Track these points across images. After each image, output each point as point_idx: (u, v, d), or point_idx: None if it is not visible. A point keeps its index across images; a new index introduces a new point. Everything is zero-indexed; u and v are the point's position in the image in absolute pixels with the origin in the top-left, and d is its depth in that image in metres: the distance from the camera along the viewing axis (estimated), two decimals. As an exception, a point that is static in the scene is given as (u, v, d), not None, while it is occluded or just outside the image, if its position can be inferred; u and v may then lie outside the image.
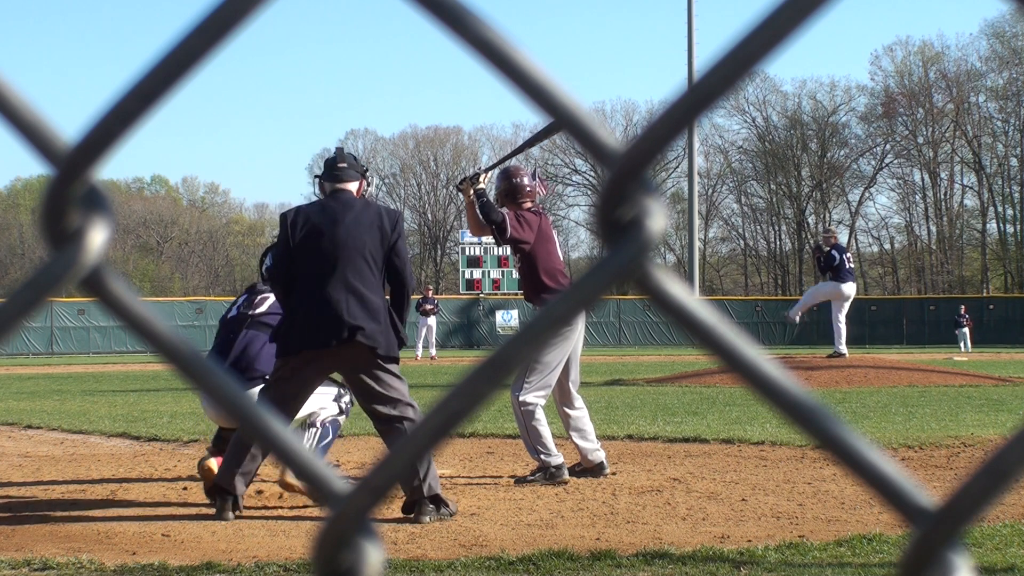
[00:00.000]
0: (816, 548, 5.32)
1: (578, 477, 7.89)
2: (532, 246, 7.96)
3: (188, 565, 5.11)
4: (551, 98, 0.56)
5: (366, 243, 6.46)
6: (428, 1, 0.57)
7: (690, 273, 36.29)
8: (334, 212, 6.53)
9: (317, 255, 6.42)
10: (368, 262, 6.44)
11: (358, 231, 6.47)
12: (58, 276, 0.59)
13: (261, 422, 0.60)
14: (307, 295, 6.39)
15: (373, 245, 6.47)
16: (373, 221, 6.54)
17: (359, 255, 6.43)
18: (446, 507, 6.31)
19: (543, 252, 8.02)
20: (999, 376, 20.66)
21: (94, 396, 18.29)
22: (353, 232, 6.46)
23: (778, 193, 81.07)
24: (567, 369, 7.89)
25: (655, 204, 0.55)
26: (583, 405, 8.07)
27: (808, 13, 0.54)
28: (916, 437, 10.06)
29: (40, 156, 0.60)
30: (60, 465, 9.00)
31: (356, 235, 6.46)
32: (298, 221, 6.55)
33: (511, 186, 8.16)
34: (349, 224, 6.48)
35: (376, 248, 6.48)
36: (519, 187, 8.15)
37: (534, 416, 7.68)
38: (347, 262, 6.40)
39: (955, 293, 68.71)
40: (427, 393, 16.68)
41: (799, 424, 0.55)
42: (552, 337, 0.57)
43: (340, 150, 6.91)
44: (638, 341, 55.31)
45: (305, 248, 6.45)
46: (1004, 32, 73.86)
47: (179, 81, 0.58)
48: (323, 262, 6.41)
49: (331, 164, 6.79)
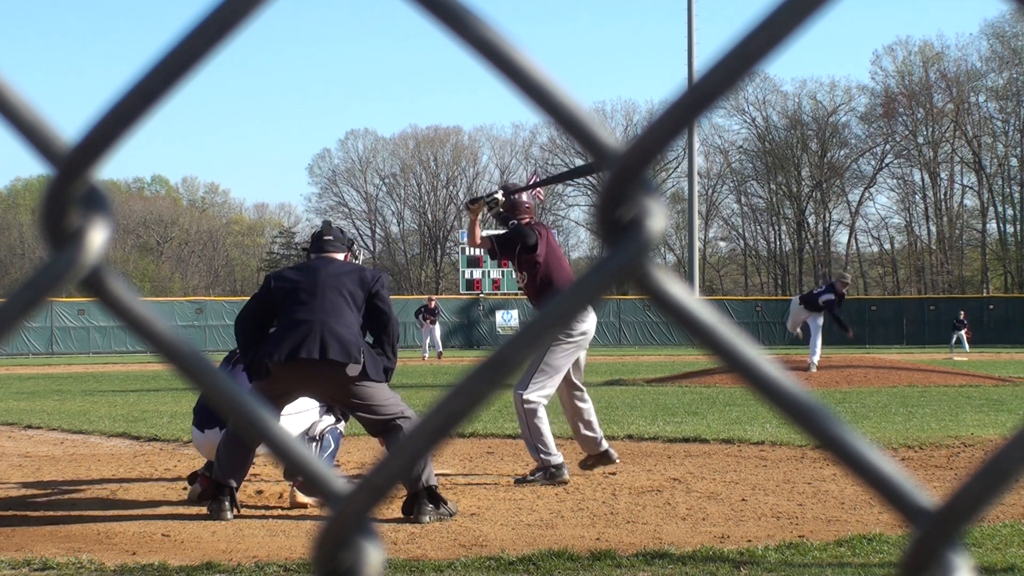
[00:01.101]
0: (816, 548, 5.32)
1: (588, 469, 7.97)
2: (544, 260, 8.10)
3: (188, 565, 5.11)
4: (551, 98, 0.56)
5: (345, 283, 6.61)
6: (428, 1, 0.57)
7: (690, 273, 36.30)
8: (315, 265, 6.75)
9: (297, 295, 6.57)
10: (346, 299, 6.57)
11: (337, 276, 6.64)
12: (58, 276, 0.59)
13: (261, 423, 0.60)
14: (283, 324, 6.52)
15: (352, 287, 6.62)
16: (354, 271, 6.75)
17: (336, 292, 6.57)
18: (445, 505, 6.32)
19: (555, 263, 8.17)
20: (999, 376, 20.67)
21: (94, 396, 18.29)
22: (332, 275, 6.64)
23: (778, 193, 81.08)
24: (577, 364, 7.99)
25: (655, 204, 0.55)
26: (588, 398, 8.14)
27: (808, 13, 0.54)
28: (916, 437, 10.06)
29: (40, 156, 0.60)
30: (60, 465, 9.00)
31: (335, 278, 6.62)
32: (282, 275, 6.78)
33: (510, 203, 8.30)
34: (329, 271, 6.67)
35: (355, 289, 6.62)
36: (518, 204, 8.30)
37: (536, 415, 7.70)
38: (323, 296, 6.53)
39: (955, 293, 68.71)
40: (427, 393, 16.68)
41: (799, 424, 0.55)
42: (554, 337, 0.57)
43: (327, 223, 7.16)
44: (638, 341, 55.31)
45: (286, 294, 6.59)
46: (1004, 32, 73.87)
47: (179, 81, 0.58)
48: (301, 297, 6.55)
49: (317, 237, 7.03)
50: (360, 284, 6.64)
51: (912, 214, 79.70)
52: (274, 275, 6.85)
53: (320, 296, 6.52)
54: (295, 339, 6.37)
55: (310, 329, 6.39)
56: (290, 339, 6.38)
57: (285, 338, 6.40)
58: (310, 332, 6.38)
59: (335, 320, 6.45)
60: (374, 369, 6.46)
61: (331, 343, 6.36)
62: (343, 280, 6.61)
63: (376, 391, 6.46)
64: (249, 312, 6.74)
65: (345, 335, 6.41)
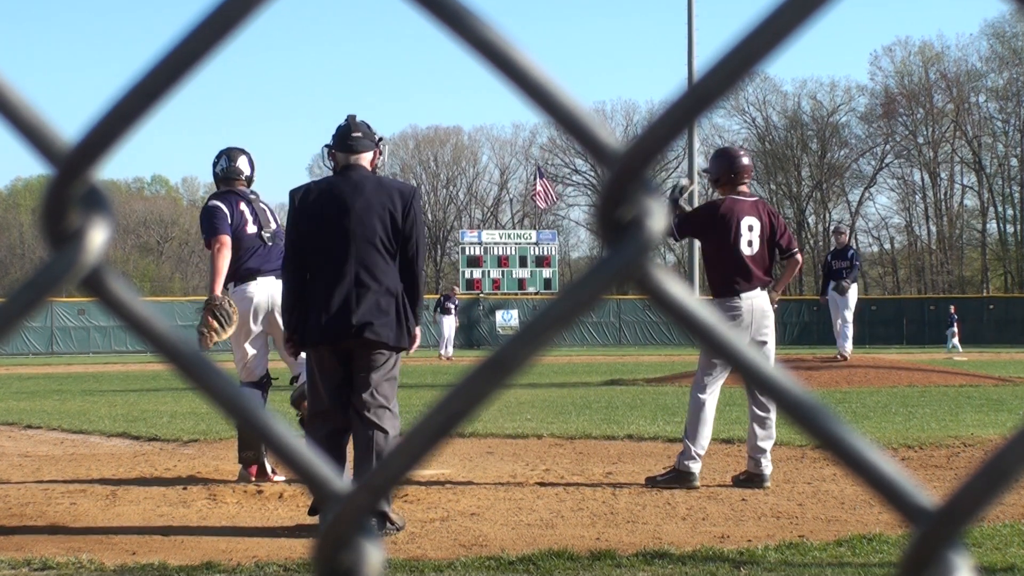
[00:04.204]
0: (816, 548, 5.33)
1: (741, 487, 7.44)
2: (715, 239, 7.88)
3: (188, 565, 5.11)
4: (551, 98, 0.56)
5: (377, 230, 6.09)
6: (428, 1, 0.57)
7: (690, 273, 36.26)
8: (344, 195, 6.14)
9: (326, 245, 6.11)
10: (380, 250, 6.10)
11: (369, 217, 6.10)
12: (58, 276, 0.59)
13: (261, 421, 0.60)
14: (318, 290, 6.11)
15: (385, 232, 6.11)
16: (385, 205, 6.13)
17: (370, 244, 6.09)
18: (391, 524, 5.98)
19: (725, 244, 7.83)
20: (999, 376, 20.66)
21: (94, 396, 18.29)
22: (364, 219, 6.09)
23: (778, 193, 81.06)
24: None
25: (655, 204, 0.56)
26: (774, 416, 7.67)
27: (808, 13, 0.54)
28: (916, 437, 10.06)
29: (40, 156, 0.60)
30: (60, 465, 9.00)
31: (367, 222, 6.09)
32: (307, 202, 6.20)
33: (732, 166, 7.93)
34: (360, 210, 6.11)
35: (388, 234, 6.12)
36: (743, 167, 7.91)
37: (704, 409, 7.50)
38: (358, 252, 6.07)
39: (955, 293, 68.71)
40: (427, 393, 16.67)
41: (799, 423, 0.55)
42: (554, 338, 0.57)
43: (352, 118, 6.48)
44: (638, 341, 55.31)
45: (314, 236, 6.13)
46: (1004, 32, 73.88)
47: (180, 81, 0.58)
48: (333, 253, 6.10)
49: (344, 134, 6.36)
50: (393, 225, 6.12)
51: (912, 214, 79.73)
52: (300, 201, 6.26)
53: (353, 253, 6.07)
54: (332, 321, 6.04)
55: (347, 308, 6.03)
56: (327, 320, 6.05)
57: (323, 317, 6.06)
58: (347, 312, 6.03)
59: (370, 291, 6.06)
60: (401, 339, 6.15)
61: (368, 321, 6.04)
62: (375, 223, 6.09)
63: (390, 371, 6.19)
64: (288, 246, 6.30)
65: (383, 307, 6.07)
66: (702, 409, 7.54)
